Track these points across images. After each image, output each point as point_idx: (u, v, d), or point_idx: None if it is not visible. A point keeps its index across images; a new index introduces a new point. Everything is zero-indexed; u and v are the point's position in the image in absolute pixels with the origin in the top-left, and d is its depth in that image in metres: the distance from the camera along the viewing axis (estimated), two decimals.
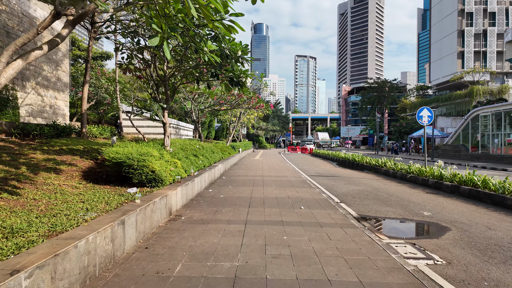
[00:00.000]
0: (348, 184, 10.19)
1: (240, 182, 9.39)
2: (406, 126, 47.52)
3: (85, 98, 11.54)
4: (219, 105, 13.92)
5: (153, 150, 6.67)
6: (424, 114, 11.36)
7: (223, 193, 7.42)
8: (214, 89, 15.10)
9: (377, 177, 12.53)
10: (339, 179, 11.35)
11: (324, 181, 10.70)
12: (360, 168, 16.40)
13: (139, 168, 5.26)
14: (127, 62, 8.21)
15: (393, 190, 9.14)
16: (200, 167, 8.66)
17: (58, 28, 13.77)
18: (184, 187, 5.95)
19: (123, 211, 3.60)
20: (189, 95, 13.55)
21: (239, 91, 11.96)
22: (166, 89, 7.90)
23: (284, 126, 68.56)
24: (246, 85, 7.29)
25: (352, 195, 8.12)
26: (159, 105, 7.36)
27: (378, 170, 14.20)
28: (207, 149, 11.51)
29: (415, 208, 6.66)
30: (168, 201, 4.96)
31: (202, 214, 5.21)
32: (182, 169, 6.80)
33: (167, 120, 7.72)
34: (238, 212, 5.41)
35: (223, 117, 26.87)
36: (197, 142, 12.03)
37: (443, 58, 47.25)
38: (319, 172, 13.93)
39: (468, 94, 40.33)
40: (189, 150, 9.05)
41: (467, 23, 43.59)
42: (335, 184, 9.98)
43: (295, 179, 10.64)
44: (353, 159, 18.31)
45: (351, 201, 7.29)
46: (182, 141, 10.55)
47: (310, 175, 12.53)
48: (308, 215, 5.29)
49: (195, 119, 13.84)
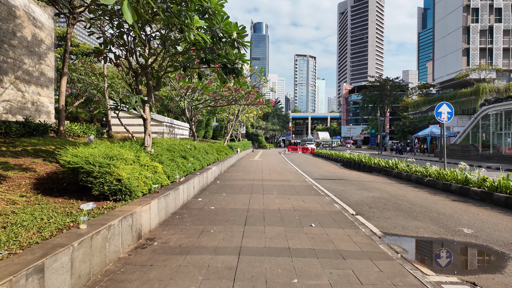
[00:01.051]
0: (359, 189, 8.95)
1: (237, 188, 8.14)
2: (410, 125, 46.33)
3: (63, 93, 10.28)
4: (215, 101, 12.64)
5: (129, 151, 5.41)
6: (443, 110, 10.12)
7: (215, 203, 6.17)
8: (209, 84, 13.85)
9: (389, 180, 11.29)
10: (349, 183, 10.11)
11: (332, 186, 9.46)
12: (368, 170, 15.16)
13: (101, 176, 4.01)
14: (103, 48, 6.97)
15: (412, 197, 7.90)
16: (190, 171, 7.40)
17: (42, 19, 12.53)
18: (163, 199, 4.70)
19: (48, 248, 2.35)
20: (181, 89, 12.29)
21: (236, 85, 10.70)
22: (147, 79, 6.64)
23: (284, 125, 67.31)
24: (243, 72, 6.04)
25: (368, 204, 6.88)
26: (138, 97, 6.10)
27: (389, 172, 12.97)
28: (200, 149, 10.25)
29: (449, 222, 5.42)
30: (136, 221, 3.71)
31: (183, 237, 3.96)
32: (163, 175, 5.54)
33: (148, 115, 6.46)
34: (231, 232, 4.16)
35: (220, 116, 25.60)
36: (190, 141, 10.78)
37: (447, 55, 46.03)
38: (324, 175, 12.69)
39: (474, 92, 39.15)
40: (177, 151, 7.79)
41: (473, 19, 42.38)
42: (345, 190, 8.74)
43: (299, 183, 9.40)
44: (360, 160, 17.07)
45: (369, 212, 6.05)
46: (172, 141, 9.29)
47: (315, 178, 11.29)
48: (322, 238, 4.04)
49: (189, 117, 12.59)
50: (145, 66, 6.54)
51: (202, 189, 7.73)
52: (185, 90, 11.92)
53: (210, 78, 12.06)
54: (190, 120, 12.49)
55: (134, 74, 6.43)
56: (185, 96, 12.31)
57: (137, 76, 6.42)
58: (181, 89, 12.52)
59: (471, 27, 41.85)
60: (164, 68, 6.97)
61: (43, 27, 12.67)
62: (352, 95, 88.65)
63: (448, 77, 45.35)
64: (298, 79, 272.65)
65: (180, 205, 5.63)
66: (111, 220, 3.17)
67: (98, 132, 14.02)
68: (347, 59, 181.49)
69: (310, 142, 52.18)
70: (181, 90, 12.50)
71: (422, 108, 51.24)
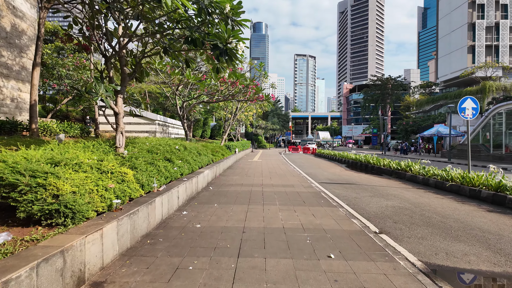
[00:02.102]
0: (374, 196, 7.72)
1: (232, 196, 6.90)
2: (413, 124, 45.17)
3: (35, 86, 9.01)
4: (210, 96, 11.41)
5: (88, 154, 4.18)
6: (467, 106, 8.90)
7: (203, 218, 4.93)
8: (204, 78, 12.60)
9: (404, 184, 10.06)
10: (360, 189, 8.88)
11: (342, 192, 8.23)
12: (377, 172, 13.93)
13: (31, 191, 2.78)
14: (68, 28, 5.75)
15: (438, 206, 6.67)
16: (175, 176, 6.16)
17: (24, 8, 11.31)
18: (127, 219, 3.46)
19: None
20: (172, 84, 11.05)
21: (232, 77, 9.45)
22: (121, 64, 5.40)
23: (284, 125, 66.06)
24: (238, 55, 4.82)
25: (390, 216, 5.65)
26: (107, 86, 4.85)
27: (401, 175, 11.75)
28: (191, 150, 9.01)
29: (503, 244, 4.20)
30: (74, 260, 2.48)
31: (147, 280, 2.72)
32: (135, 184, 4.30)
33: (120, 109, 5.22)
34: (217, 272, 2.92)
35: (218, 114, 24.36)
36: (180, 141, 9.55)
37: (451, 53, 44.85)
38: (331, 178, 11.46)
39: (480, 90, 37.95)
40: (162, 153, 6.55)
41: (478, 16, 41.20)
42: (359, 197, 7.51)
43: (304, 189, 8.16)
44: (367, 161, 15.85)
45: (396, 229, 4.82)
46: (158, 140, 8.04)
47: (321, 183, 10.06)
48: (349, 281, 2.80)
49: (181, 114, 11.35)
50: (119, 47, 5.29)
51: (190, 198, 6.49)
52: (176, 85, 10.68)
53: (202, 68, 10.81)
54: (183, 118, 11.24)
55: (104, 57, 5.18)
56: (177, 92, 11.07)
57: (108, 60, 5.18)
58: (173, 84, 11.28)
59: (477, 24, 40.66)
60: (142, 52, 5.72)
61: (24, 17, 11.43)
62: (353, 94, 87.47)
63: (453, 75, 44.15)
64: (298, 79, 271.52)
65: (156, 223, 4.39)
66: (16, 268, 1.93)
67: (82, 131, 12.78)
68: (347, 58, 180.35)
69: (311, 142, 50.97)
70: (172, 85, 11.26)
71: (425, 107, 50.07)
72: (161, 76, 10.09)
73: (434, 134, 28.97)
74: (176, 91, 11.16)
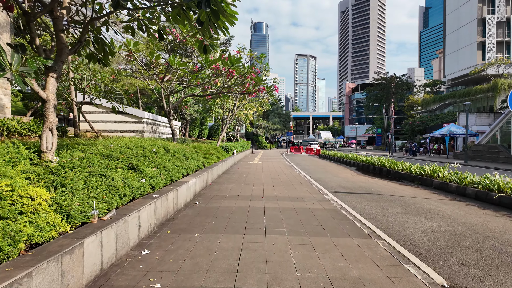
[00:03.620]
0: (408, 213, 5.94)
1: (222, 217, 5.11)
2: (420, 124, 43.38)
3: None
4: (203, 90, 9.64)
5: None
6: None
7: (171, 265, 3.14)
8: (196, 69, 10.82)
9: (435, 195, 8.26)
10: (386, 201, 7.09)
11: (366, 207, 6.44)
12: (394, 177, 12.12)
13: None
14: None
15: (501, 230, 4.88)
16: (141, 192, 4.37)
17: None
18: None
19: None
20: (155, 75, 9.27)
21: (226, 65, 7.67)
22: (56, 29, 3.63)
23: (285, 124, 64.20)
24: (228, 10, 3.04)
25: (449, 251, 3.87)
26: (30, 60, 3.02)
27: (426, 181, 9.97)
28: (175, 153, 7.23)
29: None
30: None
31: None
32: (54, 214, 2.53)
33: (49, 94, 3.44)
34: None
35: (216, 113, 22.58)
36: (163, 142, 7.77)
37: (460, 50, 43.02)
38: (344, 185, 9.67)
39: (492, 88, 36.09)
40: (126, 159, 4.76)
41: (489, 10, 39.38)
42: (389, 216, 5.72)
43: (318, 204, 6.37)
44: (381, 164, 14.04)
45: (473, 281, 3.04)
46: (130, 141, 6.26)
47: (335, 192, 8.27)
48: None
49: (167, 110, 9.57)
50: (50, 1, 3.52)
51: (163, 221, 4.70)
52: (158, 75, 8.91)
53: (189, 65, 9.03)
54: (169, 114, 9.46)
55: (25, 15, 3.40)
56: (162, 84, 9.31)
57: (31, 21, 3.41)
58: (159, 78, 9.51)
59: (487, 19, 38.84)
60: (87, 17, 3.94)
61: None
62: (355, 94, 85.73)
63: (461, 72, 42.30)
64: (299, 79, 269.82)
65: (83, 284, 2.60)
66: None
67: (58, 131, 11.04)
68: (348, 58, 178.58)
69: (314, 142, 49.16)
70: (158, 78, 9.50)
71: (431, 106, 48.23)
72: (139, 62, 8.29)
73: (446, 134, 27.16)
74: (162, 83, 9.39)
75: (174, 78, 9.95)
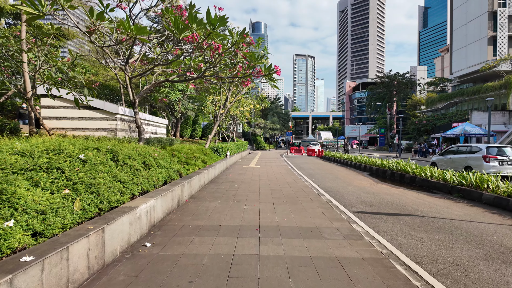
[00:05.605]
0: (490, 259, 3.55)
1: None
2: (427, 124, 41.16)
3: None
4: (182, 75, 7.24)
5: None
6: None
7: None
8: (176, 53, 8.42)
9: (498, 216, 5.88)
10: (440, 232, 4.70)
11: (420, 246, 4.05)
12: (421, 186, 9.74)
13: None
14: None
15: None
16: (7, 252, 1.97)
17: None
18: None
19: None
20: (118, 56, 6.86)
21: (203, 27, 5.25)
22: None
23: (285, 124, 61.80)
24: None
25: None
26: None
27: (471, 194, 7.63)
28: (127, 160, 4.84)
29: None
30: None
31: None
32: None
33: None
34: None
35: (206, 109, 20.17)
36: (105, 143, 5.37)
37: (468, 45, 40.83)
38: (367, 200, 7.29)
39: (504, 85, 33.93)
40: None
41: (500, 3, 37.22)
42: (465, 265, 3.34)
43: (347, 245, 4.00)
44: (403, 169, 11.66)
45: None
46: (62, 141, 3.84)
47: (358, 212, 5.88)
48: None
49: (131, 99, 7.18)
50: None
51: None
52: (120, 58, 6.51)
53: None
54: (133, 105, 7.08)
55: None
56: (125, 66, 6.93)
57: None
58: (122, 52, 7.12)
59: (498, 12, 36.66)
60: None
61: None
62: (356, 93, 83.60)
63: (470, 69, 40.11)
64: (297, 79, 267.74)
65: None
66: None
67: (5, 129, 8.74)
68: (347, 58, 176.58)
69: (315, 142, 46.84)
70: (122, 53, 7.13)
71: (437, 105, 46.03)
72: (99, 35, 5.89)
73: (460, 134, 24.87)
74: (124, 65, 6.98)
75: (140, 57, 7.56)
